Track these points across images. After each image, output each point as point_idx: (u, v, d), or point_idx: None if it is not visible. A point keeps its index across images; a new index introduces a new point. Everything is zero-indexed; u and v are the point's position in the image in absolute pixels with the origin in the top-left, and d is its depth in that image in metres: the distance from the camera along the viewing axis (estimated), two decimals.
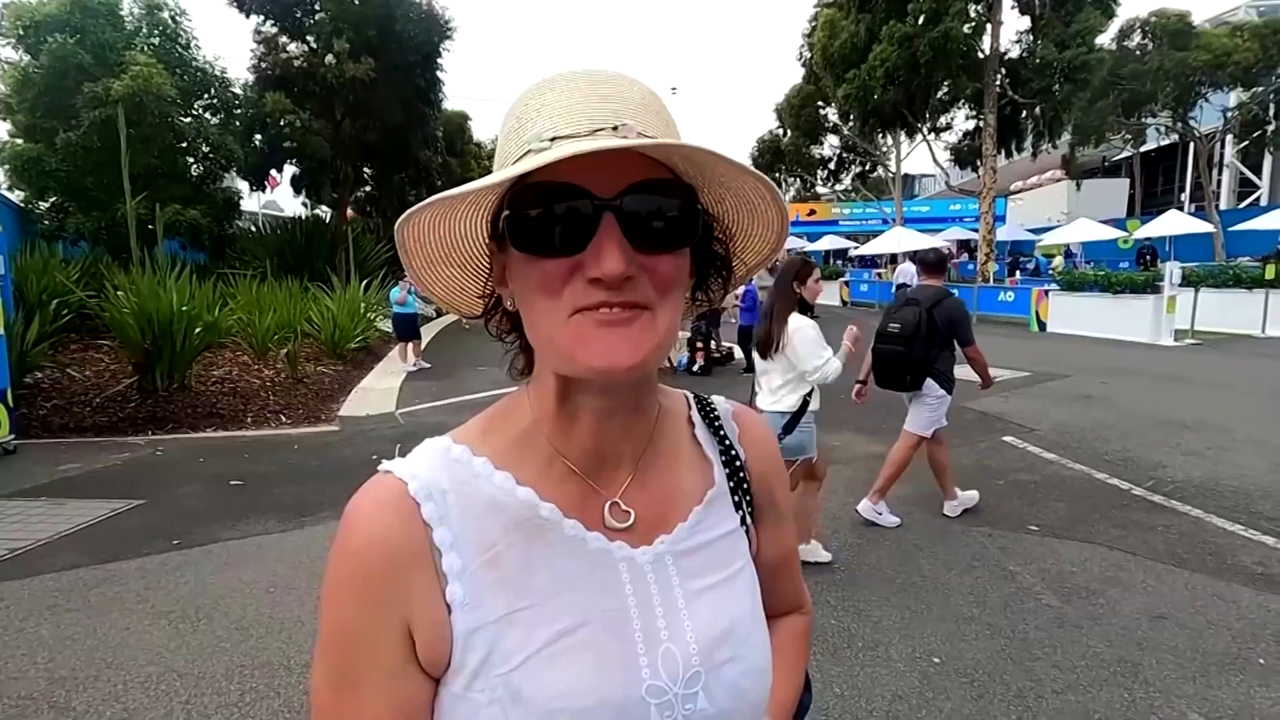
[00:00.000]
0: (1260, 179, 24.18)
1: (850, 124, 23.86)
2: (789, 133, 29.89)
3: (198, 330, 7.56)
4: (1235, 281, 13.29)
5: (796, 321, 3.38)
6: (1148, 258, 20.00)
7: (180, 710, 2.56)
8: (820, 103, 26.56)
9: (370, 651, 0.52)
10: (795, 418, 3.39)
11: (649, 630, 0.56)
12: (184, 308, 7.42)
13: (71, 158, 12.02)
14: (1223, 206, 22.70)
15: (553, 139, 0.50)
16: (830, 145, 30.23)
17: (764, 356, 3.48)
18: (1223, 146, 23.07)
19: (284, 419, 7.56)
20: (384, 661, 0.52)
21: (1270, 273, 13.00)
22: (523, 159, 0.51)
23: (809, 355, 3.31)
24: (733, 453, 0.69)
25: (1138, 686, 2.60)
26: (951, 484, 4.42)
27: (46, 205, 13.18)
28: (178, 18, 14.36)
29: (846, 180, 31.83)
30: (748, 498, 0.68)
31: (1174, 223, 18.29)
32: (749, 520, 0.67)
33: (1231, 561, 3.62)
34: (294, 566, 3.78)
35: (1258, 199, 24.08)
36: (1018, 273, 20.91)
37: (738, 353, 10.47)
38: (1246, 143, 22.03)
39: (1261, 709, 2.46)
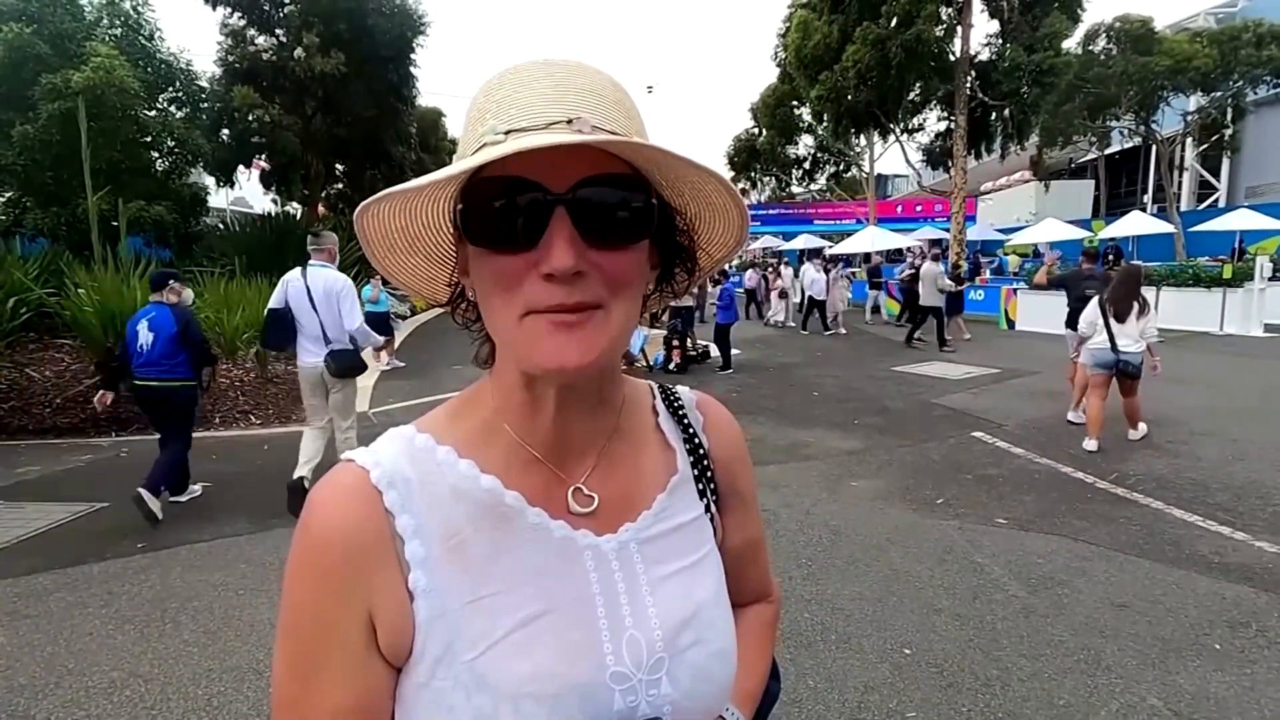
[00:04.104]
0: (1218, 181, 24.87)
1: (824, 124, 24.08)
2: (764, 132, 30.06)
3: None
4: (1195, 280, 13.63)
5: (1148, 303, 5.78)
6: (1111, 257, 20.47)
7: (145, 716, 2.50)
8: (795, 103, 26.75)
9: (331, 640, 0.52)
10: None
11: (613, 617, 0.57)
12: None
13: (29, 151, 11.63)
14: (1183, 208, 23.27)
15: (507, 132, 0.49)
16: (805, 145, 30.50)
17: (1123, 320, 5.70)
18: (1183, 149, 23.66)
19: (254, 419, 7.42)
20: (345, 650, 0.52)
21: (1228, 272, 13.38)
22: (478, 153, 0.50)
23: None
24: (696, 441, 0.69)
25: (1100, 673, 2.67)
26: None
27: (3, 200, 12.75)
28: (140, 8, 13.97)
29: (821, 180, 32.16)
30: (712, 485, 0.68)
31: (1137, 223, 18.79)
32: (713, 508, 0.68)
33: (1189, 551, 3.73)
34: (264, 568, 3.72)
35: (1216, 200, 24.76)
36: (986, 271, 21.28)
37: (714, 350, 10.52)
38: (1205, 146, 22.57)
39: (1217, 692, 2.54)
